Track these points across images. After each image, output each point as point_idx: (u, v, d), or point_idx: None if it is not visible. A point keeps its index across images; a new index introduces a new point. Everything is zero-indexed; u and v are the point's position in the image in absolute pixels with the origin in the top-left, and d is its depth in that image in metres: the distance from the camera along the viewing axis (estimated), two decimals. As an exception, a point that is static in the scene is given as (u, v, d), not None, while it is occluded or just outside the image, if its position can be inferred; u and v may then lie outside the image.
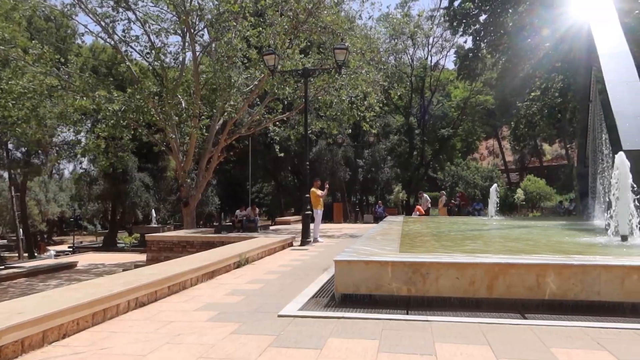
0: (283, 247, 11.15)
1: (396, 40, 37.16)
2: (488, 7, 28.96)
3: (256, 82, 17.54)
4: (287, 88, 17.38)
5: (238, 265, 7.99)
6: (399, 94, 30.04)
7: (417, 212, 24.14)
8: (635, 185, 7.39)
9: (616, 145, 9.25)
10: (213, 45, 17.62)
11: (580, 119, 16.62)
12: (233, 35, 16.58)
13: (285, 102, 19.99)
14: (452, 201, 27.25)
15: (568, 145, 46.39)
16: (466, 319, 4.27)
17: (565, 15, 21.78)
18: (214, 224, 35.80)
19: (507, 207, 36.05)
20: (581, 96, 15.91)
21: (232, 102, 16.84)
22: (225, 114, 18.16)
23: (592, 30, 12.38)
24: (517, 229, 11.68)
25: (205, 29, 18.26)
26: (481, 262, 4.67)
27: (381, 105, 20.85)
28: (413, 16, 38.44)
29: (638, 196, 7.32)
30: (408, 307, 4.65)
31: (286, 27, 16.45)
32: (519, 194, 36.62)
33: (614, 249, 6.69)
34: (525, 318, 4.29)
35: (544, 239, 8.63)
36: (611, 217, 7.72)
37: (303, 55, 18.06)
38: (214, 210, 38.35)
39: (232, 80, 16.30)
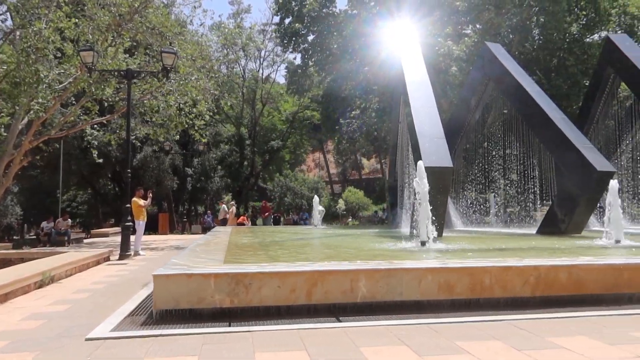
0: (98, 263, 10.16)
1: (228, 50, 37.18)
2: (316, 28, 30.84)
3: (71, 80, 15.79)
4: (108, 89, 16.01)
5: (41, 284, 7.02)
6: (229, 103, 30.02)
7: (246, 223, 24.30)
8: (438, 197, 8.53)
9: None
10: (18, 33, 15.38)
11: (392, 138, 18.64)
12: (44, 25, 14.68)
13: (106, 104, 18.38)
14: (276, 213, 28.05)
15: (383, 161, 51.61)
16: (286, 326, 4.40)
17: (382, 45, 24.34)
18: (14, 237, 31.05)
19: (330, 217, 38.49)
20: (393, 117, 17.86)
21: (40, 100, 14.84)
22: (32, 112, 15.92)
23: (401, 62, 14.04)
24: (337, 237, 12.53)
25: (9, 14, 15.86)
26: (302, 271, 4.87)
27: (212, 113, 20.53)
28: (245, 28, 38.95)
29: (431, 207, 8.45)
30: (231, 319, 4.61)
31: (108, 22, 15.19)
32: (341, 204, 39.39)
33: (415, 253, 7.59)
34: (340, 321, 4.59)
35: (359, 245, 9.40)
36: (413, 225, 8.77)
37: (128, 56, 16.86)
38: (14, 221, 33.28)
39: (41, 75, 14.39)
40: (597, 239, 10.07)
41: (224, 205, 24.69)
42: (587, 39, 28.48)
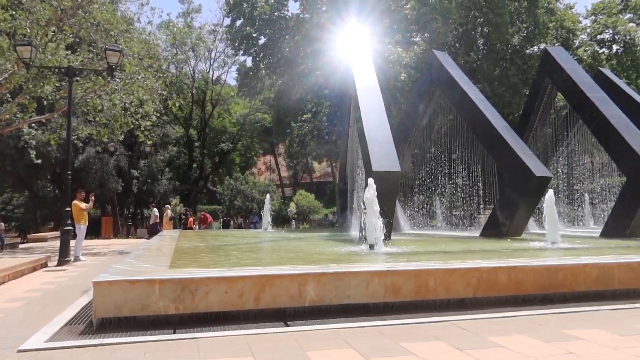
0: (34, 269, 9.64)
1: (177, 49, 36.36)
2: (268, 31, 30.71)
3: (6, 75, 14.94)
4: (47, 86, 15.26)
5: (-32, 293, 6.58)
6: (177, 104, 29.37)
7: (197, 226, 23.80)
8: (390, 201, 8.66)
9: (368, 167, 10.74)
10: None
11: (343, 142, 18.83)
12: (-24, 16, 13.84)
13: (46, 102, 17.51)
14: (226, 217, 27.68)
15: (334, 164, 52.00)
16: (233, 332, 4.33)
17: (333, 50, 24.57)
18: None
19: (281, 220, 38.33)
20: (344, 122, 18.05)
21: (-29, 96, 13.97)
22: (-38, 108, 14.96)
23: (352, 67, 14.20)
24: (287, 240, 12.49)
25: None
26: (249, 275, 4.82)
27: (159, 114, 20.04)
28: (195, 28, 38.26)
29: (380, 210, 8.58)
30: (176, 326, 4.49)
31: (48, 17, 14.50)
32: (292, 207, 39.32)
33: (363, 256, 7.68)
34: (288, 325, 4.57)
35: (309, 249, 9.41)
36: (362, 229, 8.88)
37: (70, 52, 16.15)
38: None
39: (-28, 70, 13.55)
40: (536, 241, 10.58)
41: (154, 209, 23.82)
42: (528, 50, 29.99)
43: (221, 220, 33.46)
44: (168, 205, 24.81)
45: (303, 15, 30.87)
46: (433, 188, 20.47)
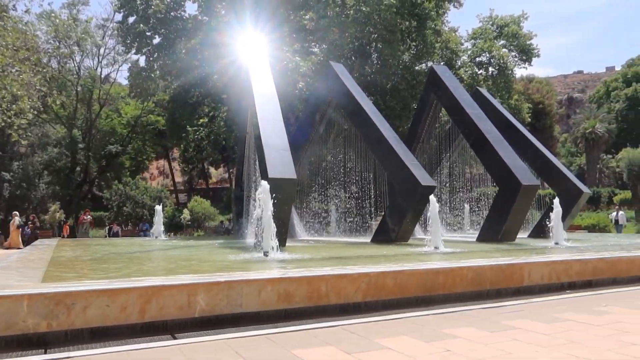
0: None
1: (60, 43, 33.53)
2: (163, 31, 29.48)
3: None
4: None
5: None
6: (59, 102, 27.05)
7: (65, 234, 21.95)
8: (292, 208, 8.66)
9: (264, 173, 10.72)
10: None
11: (240, 148, 18.62)
12: None
13: None
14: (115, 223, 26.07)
15: (231, 170, 51.25)
16: (113, 348, 4.04)
17: (232, 55, 24.23)
18: None
19: (174, 227, 36.83)
20: (241, 128, 17.86)
21: None
22: None
23: (250, 73, 14.10)
24: (180, 248, 12.02)
25: None
26: (134, 287, 4.54)
27: (37, 112, 18.27)
28: (81, 20, 35.55)
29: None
30: (48, 346, 4.08)
31: None
32: (185, 214, 37.97)
33: (257, 264, 7.62)
34: (175, 338, 4.37)
35: (202, 257, 9.14)
36: (257, 236, 8.82)
37: None
38: None
39: None
40: (421, 246, 11.28)
41: (17, 217, 21.20)
42: (417, 67, 32.07)
43: (107, 227, 31.34)
44: (16, 213, 21.84)
45: (201, 18, 30.14)
46: (329, 195, 21.01)
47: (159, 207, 17.35)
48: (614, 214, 29.69)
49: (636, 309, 5.77)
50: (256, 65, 14.30)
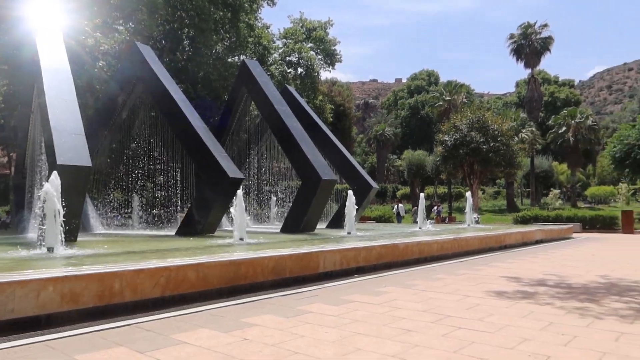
0: None
1: None
2: None
3: None
4: None
5: None
6: None
7: None
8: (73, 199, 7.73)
9: (52, 159, 9.48)
10: None
11: (22, 129, 16.12)
12: None
13: None
14: None
15: (11, 154, 43.98)
16: None
17: (16, 20, 20.70)
18: None
19: None
20: (24, 106, 15.46)
21: None
22: None
23: (37, 44, 12.25)
24: None
25: None
26: None
27: None
28: None
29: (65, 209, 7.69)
30: None
31: None
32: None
33: (39, 261, 6.70)
34: None
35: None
36: (41, 229, 7.76)
37: None
38: None
39: None
40: (227, 238, 11.32)
41: None
42: (230, 59, 32.04)
43: None
44: None
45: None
46: (131, 185, 19.59)
47: None
48: (396, 206, 34.38)
49: (407, 288, 6.73)
50: (45, 35, 12.50)
